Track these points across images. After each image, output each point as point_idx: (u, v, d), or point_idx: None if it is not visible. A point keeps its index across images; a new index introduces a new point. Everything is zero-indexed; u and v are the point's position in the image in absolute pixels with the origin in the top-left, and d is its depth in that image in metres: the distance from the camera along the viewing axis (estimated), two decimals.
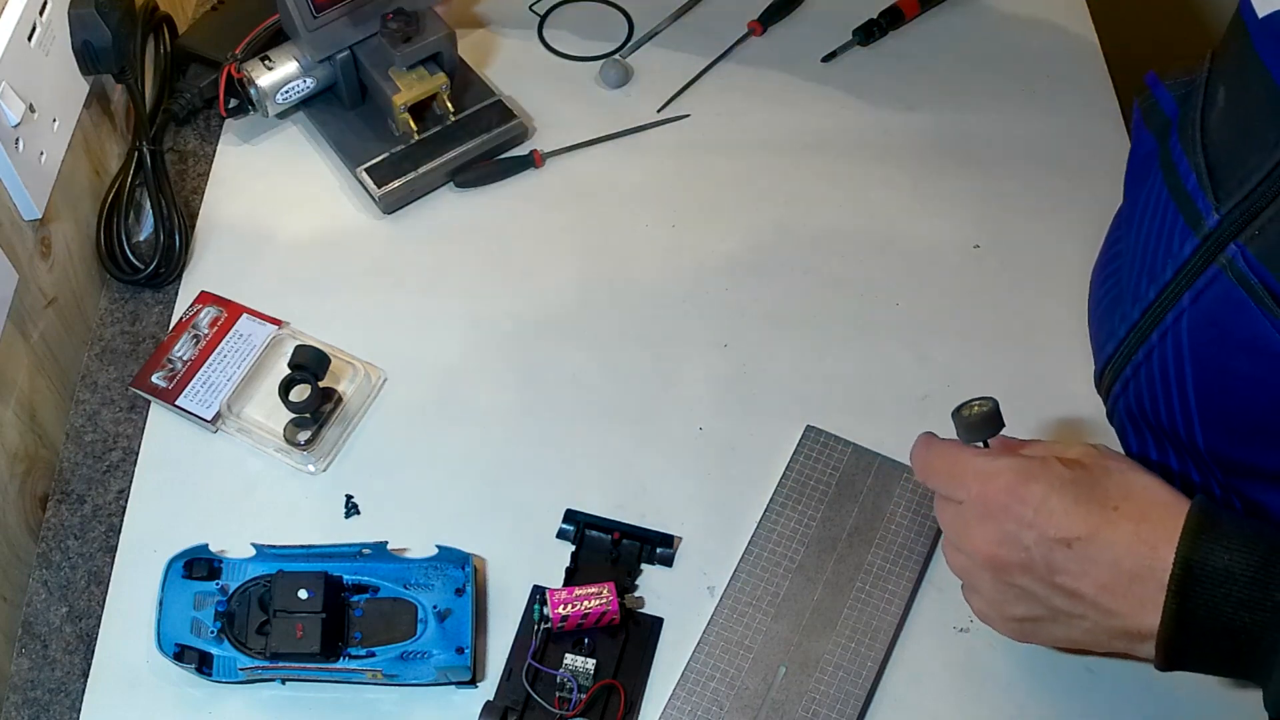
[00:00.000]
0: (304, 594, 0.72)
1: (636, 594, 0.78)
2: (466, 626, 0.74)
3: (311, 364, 0.82)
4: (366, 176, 0.94)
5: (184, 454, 0.83)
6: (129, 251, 0.91)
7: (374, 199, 0.94)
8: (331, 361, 0.83)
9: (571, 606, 0.74)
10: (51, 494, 0.82)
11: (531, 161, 0.97)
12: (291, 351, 0.83)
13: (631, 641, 0.76)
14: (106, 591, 0.78)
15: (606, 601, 0.74)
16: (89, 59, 0.89)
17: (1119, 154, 0.84)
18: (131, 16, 0.93)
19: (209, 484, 0.82)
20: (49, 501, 0.82)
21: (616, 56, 1.04)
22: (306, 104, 0.98)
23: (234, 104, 0.98)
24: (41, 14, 0.83)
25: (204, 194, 0.96)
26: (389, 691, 0.74)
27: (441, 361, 0.87)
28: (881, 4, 1.07)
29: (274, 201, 0.95)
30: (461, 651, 0.73)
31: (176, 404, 0.84)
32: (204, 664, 0.73)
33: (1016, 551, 0.66)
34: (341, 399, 0.84)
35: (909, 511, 0.80)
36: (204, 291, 0.90)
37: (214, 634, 0.73)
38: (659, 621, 0.77)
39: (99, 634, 0.76)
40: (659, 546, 0.79)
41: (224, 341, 0.87)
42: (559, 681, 0.74)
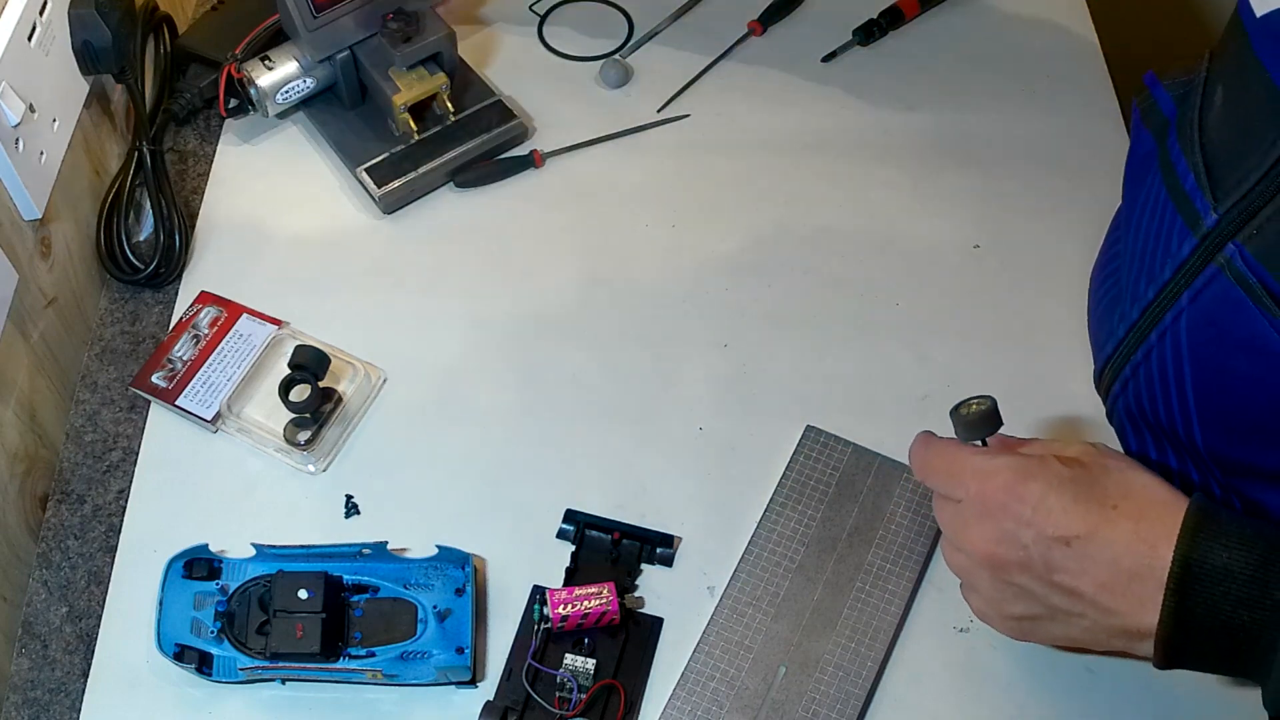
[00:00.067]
0: (304, 594, 0.72)
1: (636, 594, 0.78)
2: (466, 626, 0.74)
3: (311, 364, 0.82)
4: (366, 176, 0.94)
5: (184, 454, 0.83)
6: (129, 251, 0.91)
7: (374, 199, 0.94)
8: (331, 361, 0.83)
9: (571, 606, 0.74)
10: (51, 494, 0.82)
11: (531, 161, 0.97)
12: (291, 351, 0.83)
13: (631, 641, 0.76)
14: (106, 591, 0.78)
15: (606, 601, 0.74)
16: (89, 59, 0.89)
17: (1119, 154, 0.84)
18: (131, 16, 0.93)
19: (209, 484, 0.82)
20: (49, 501, 0.82)
21: (616, 56, 1.04)
22: (306, 104, 0.98)
23: (234, 104, 0.98)
24: (41, 14, 0.83)
25: (204, 194, 0.96)
26: (389, 691, 0.74)
27: (441, 361, 0.87)
28: (881, 4, 1.07)
29: (274, 201, 0.96)
30: (461, 651, 0.73)
31: (176, 404, 0.84)
32: (204, 664, 0.73)
33: (1015, 550, 0.66)
34: (341, 399, 0.84)
35: (909, 511, 0.80)
36: (204, 291, 0.90)
37: (214, 634, 0.73)
38: (659, 621, 0.77)
39: (99, 634, 0.76)
40: (659, 546, 0.79)
41: (224, 341, 0.87)
42: (559, 681, 0.74)
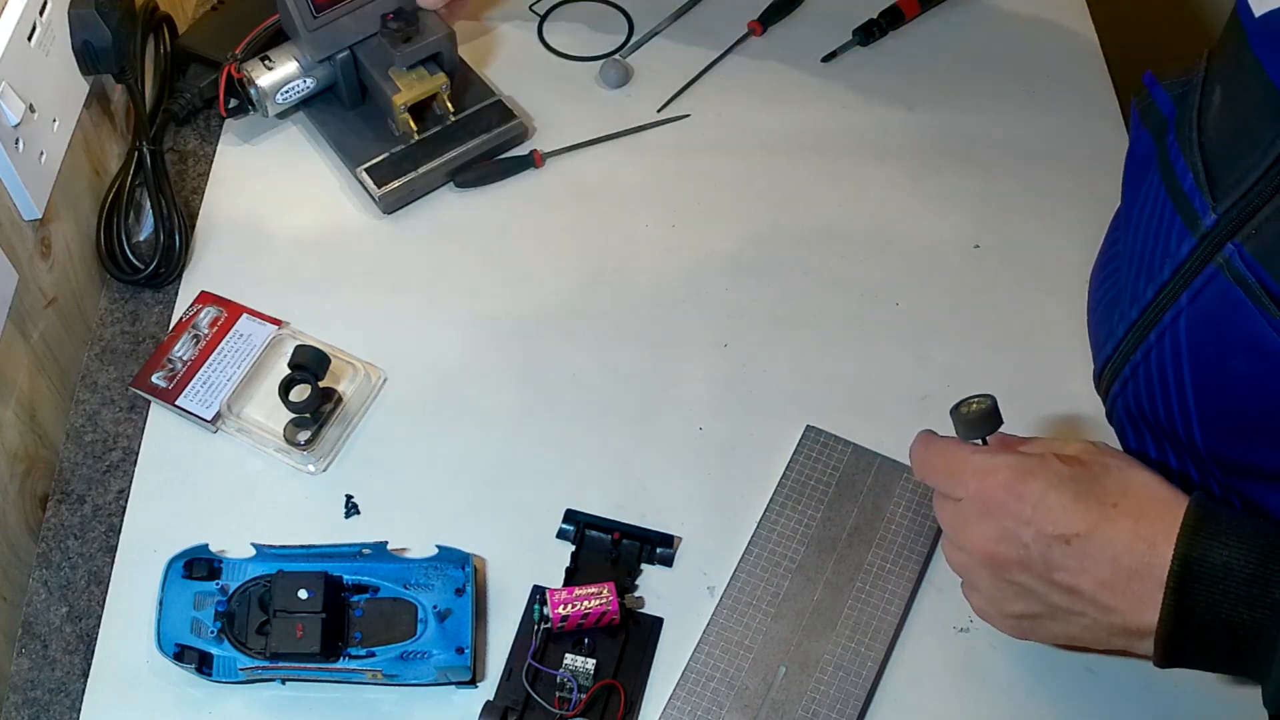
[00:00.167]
0: (304, 594, 0.72)
1: (636, 594, 0.78)
2: (466, 626, 0.74)
3: (311, 364, 0.82)
4: (366, 176, 0.94)
5: (184, 454, 0.83)
6: (129, 251, 0.91)
7: (374, 199, 0.94)
8: (331, 361, 0.83)
9: (571, 606, 0.74)
10: (51, 494, 0.82)
11: (531, 161, 0.97)
12: (291, 351, 0.83)
13: (631, 641, 0.76)
14: (106, 591, 0.78)
15: (606, 601, 0.74)
16: (89, 59, 0.89)
17: (1119, 154, 0.84)
18: (131, 16, 0.93)
19: (209, 484, 0.82)
20: (49, 501, 0.82)
21: (616, 56, 1.04)
22: (306, 104, 0.98)
23: (234, 104, 0.98)
24: (41, 14, 0.83)
25: (204, 194, 0.96)
26: (389, 691, 0.74)
27: (441, 361, 0.87)
28: (881, 4, 1.06)
29: (274, 201, 0.96)
30: (461, 651, 0.73)
31: (176, 404, 0.84)
32: (204, 664, 0.73)
33: (1015, 548, 0.66)
34: (341, 399, 0.84)
35: (909, 511, 0.80)
36: (204, 291, 0.90)
37: (214, 634, 0.73)
38: (659, 621, 0.77)
39: (99, 634, 0.76)
40: (659, 546, 0.79)
41: (224, 341, 0.87)
42: (559, 681, 0.74)
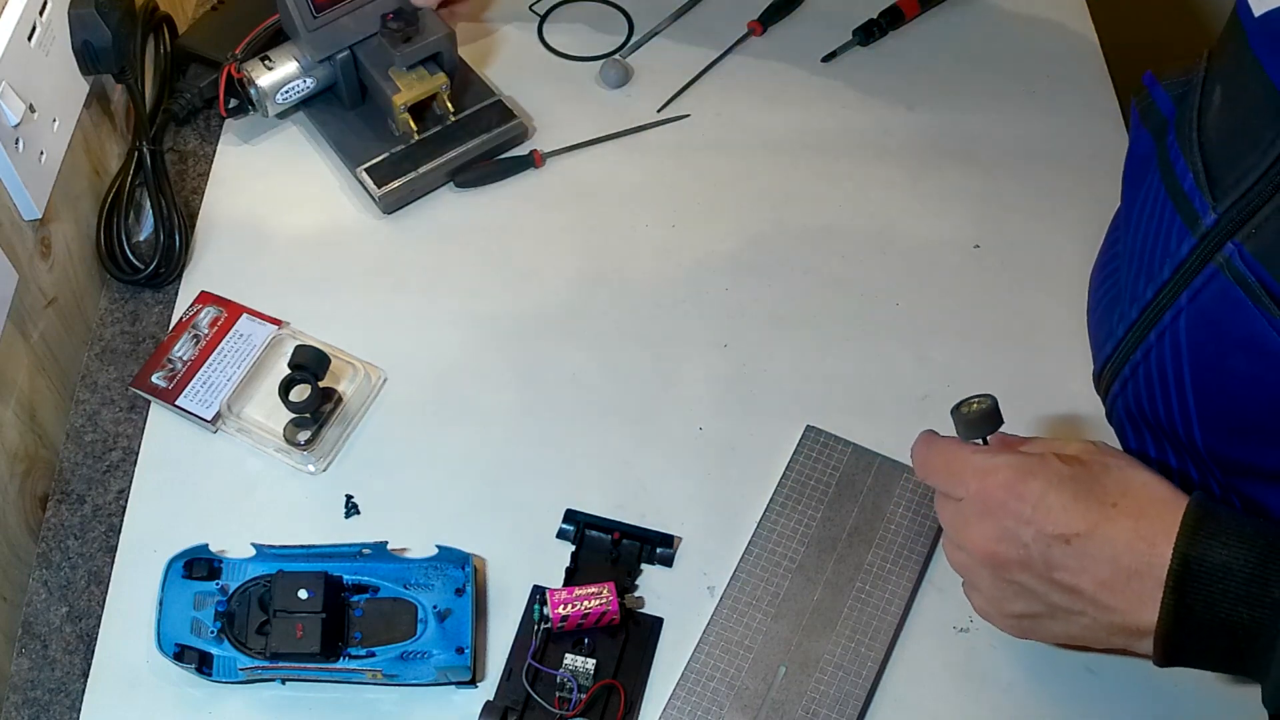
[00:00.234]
0: (304, 594, 0.72)
1: (636, 594, 0.78)
2: (466, 626, 0.74)
3: (311, 364, 0.82)
4: (366, 176, 0.94)
5: (184, 454, 0.83)
6: (129, 251, 0.91)
7: (374, 199, 0.94)
8: (331, 361, 0.83)
9: (571, 606, 0.74)
10: (51, 494, 0.82)
11: (531, 161, 0.97)
12: (291, 351, 0.83)
13: (631, 641, 0.76)
14: (106, 591, 0.78)
15: (606, 601, 0.74)
16: (89, 59, 0.89)
17: (1119, 154, 0.84)
18: (131, 16, 0.93)
19: (209, 484, 0.82)
20: (49, 501, 0.82)
21: (616, 56, 1.04)
22: (306, 104, 0.98)
23: (234, 104, 0.98)
24: (41, 14, 0.83)
25: (204, 194, 0.96)
26: (389, 691, 0.74)
27: (441, 361, 0.87)
28: (881, 4, 1.06)
29: (274, 201, 0.96)
30: (461, 651, 0.73)
31: (176, 404, 0.84)
32: (204, 664, 0.73)
33: (1015, 548, 0.66)
34: (341, 399, 0.84)
35: (909, 511, 0.80)
36: (204, 291, 0.90)
37: (214, 634, 0.73)
38: (659, 621, 0.77)
39: (99, 634, 0.76)
40: (659, 546, 0.79)
41: (224, 341, 0.87)
42: (559, 681, 0.74)
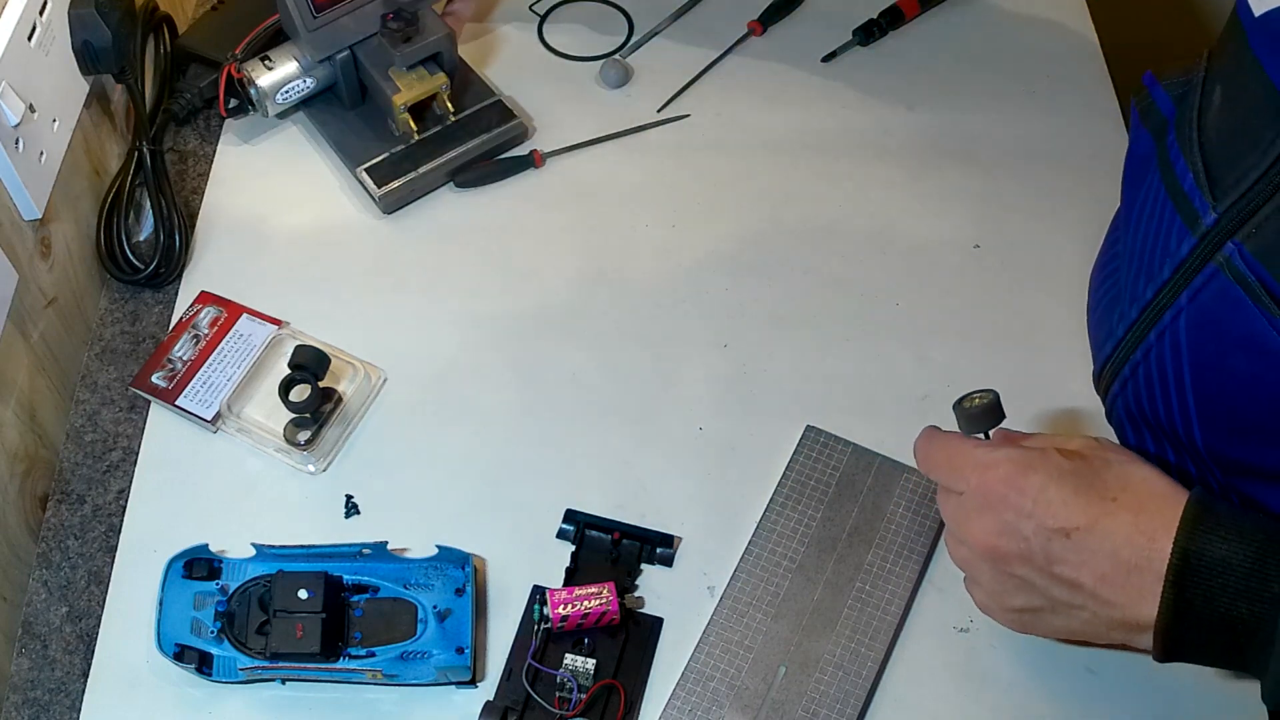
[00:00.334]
0: (304, 594, 0.72)
1: (636, 594, 0.78)
2: (466, 626, 0.74)
3: (311, 364, 0.82)
4: (366, 176, 0.94)
5: (184, 454, 0.83)
6: (129, 251, 0.91)
7: (374, 199, 0.94)
8: (331, 361, 0.83)
9: (571, 606, 0.74)
10: (51, 494, 0.82)
11: (531, 161, 0.97)
12: (291, 351, 0.83)
13: (631, 641, 0.75)
14: (106, 591, 0.78)
15: (606, 601, 0.74)
16: (89, 59, 0.89)
17: (1119, 154, 0.84)
18: (131, 16, 0.93)
19: (209, 484, 0.82)
20: (49, 501, 0.82)
21: (616, 56, 1.04)
22: (306, 104, 0.98)
23: (234, 104, 0.98)
24: (41, 14, 0.83)
25: (204, 194, 0.96)
26: (389, 691, 0.74)
27: (441, 361, 0.87)
28: (881, 4, 1.06)
29: (274, 201, 0.96)
30: (461, 651, 0.73)
31: (176, 404, 0.84)
32: (204, 664, 0.73)
33: (1015, 542, 0.66)
34: (341, 399, 0.84)
35: (909, 511, 0.80)
36: (204, 291, 0.90)
37: (214, 634, 0.73)
38: (659, 621, 0.77)
39: (99, 634, 0.76)
40: (659, 546, 0.79)
41: (224, 341, 0.87)
42: (559, 681, 0.74)
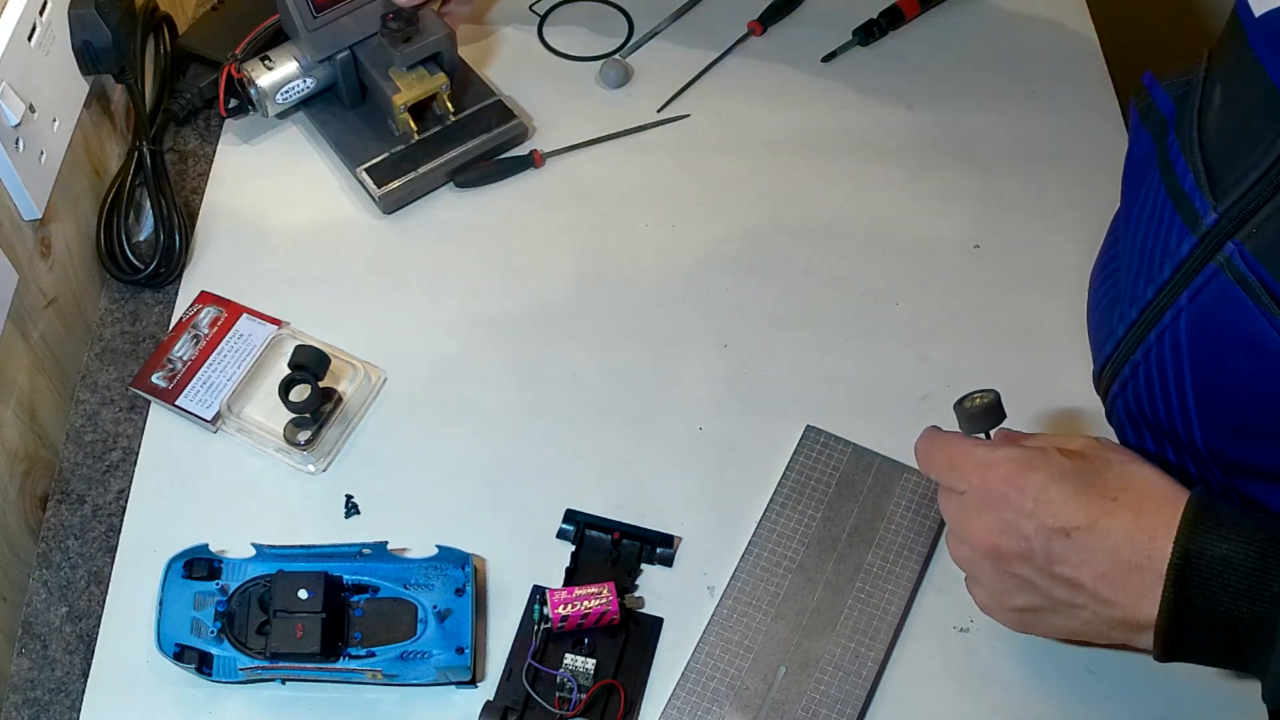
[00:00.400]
0: (304, 594, 0.72)
1: (636, 594, 0.78)
2: (466, 626, 0.74)
3: (311, 364, 0.82)
4: (366, 176, 0.94)
5: (184, 454, 0.83)
6: (129, 251, 0.91)
7: (374, 199, 0.94)
8: (331, 361, 0.83)
9: (571, 606, 0.74)
10: (51, 494, 0.82)
11: (531, 161, 0.97)
12: (291, 351, 0.83)
13: (631, 641, 0.75)
14: (106, 591, 0.78)
15: (606, 601, 0.74)
16: (89, 59, 0.89)
17: (1119, 154, 0.84)
18: (131, 16, 0.93)
19: (209, 484, 0.82)
20: (49, 501, 0.82)
21: (616, 56, 1.04)
22: (306, 104, 0.98)
23: (234, 104, 0.98)
24: (41, 14, 0.83)
25: (204, 194, 0.96)
26: (389, 691, 0.74)
27: (441, 361, 0.87)
28: (881, 4, 1.06)
29: (274, 201, 0.96)
30: (461, 651, 0.73)
31: (176, 404, 0.84)
32: (204, 664, 0.73)
33: (1016, 541, 0.66)
34: (341, 399, 0.84)
35: (909, 511, 0.80)
36: (204, 291, 0.90)
37: (214, 634, 0.73)
38: (659, 621, 0.77)
39: (99, 634, 0.76)
40: (659, 546, 0.79)
41: (224, 341, 0.87)
42: (559, 681, 0.74)
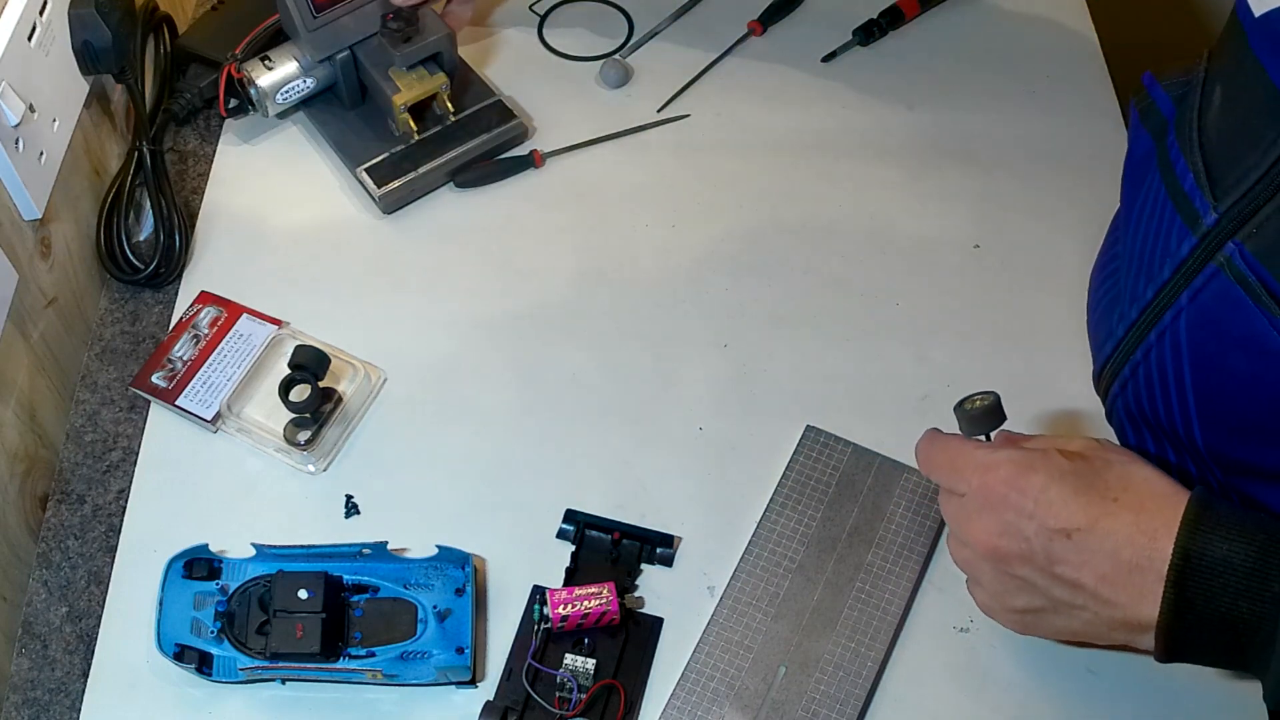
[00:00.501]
0: (304, 594, 0.72)
1: (636, 594, 0.78)
2: (466, 626, 0.74)
3: (311, 364, 0.82)
4: (366, 176, 0.94)
5: (184, 454, 0.83)
6: (129, 251, 0.91)
7: (374, 199, 0.94)
8: (331, 361, 0.83)
9: (571, 606, 0.74)
10: (51, 494, 0.82)
11: (531, 161, 0.97)
12: (291, 351, 0.83)
13: (631, 641, 0.75)
14: (106, 591, 0.78)
15: (606, 601, 0.74)
16: (89, 59, 0.89)
17: (1119, 154, 0.84)
18: (131, 16, 0.93)
19: (209, 484, 0.82)
20: (49, 501, 0.82)
21: (616, 56, 1.04)
22: (306, 104, 0.98)
23: (234, 104, 0.98)
24: (41, 14, 0.83)
25: (204, 194, 0.96)
26: (389, 691, 0.74)
27: (441, 361, 0.87)
28: (881, 4, 1.06)
29: (274, 201, 0.96)
30: (461, 651, 0.73)
31: (176, 404, 0.84)
32: (204, 664, 0.73)
33: (1017, 542, 0.66)
34: (341, 399, 0.84)
35: (909, 511, 0.80)
36: (204, 291, 0.90)
37: (214, 634, 0.73)
38: (659, 621, 0.77)
39: (99, 634, 0.76)
40: (659, 546, 0.79)
41: (224, 341, 0.87)
42: (559, 681, 0.74)
